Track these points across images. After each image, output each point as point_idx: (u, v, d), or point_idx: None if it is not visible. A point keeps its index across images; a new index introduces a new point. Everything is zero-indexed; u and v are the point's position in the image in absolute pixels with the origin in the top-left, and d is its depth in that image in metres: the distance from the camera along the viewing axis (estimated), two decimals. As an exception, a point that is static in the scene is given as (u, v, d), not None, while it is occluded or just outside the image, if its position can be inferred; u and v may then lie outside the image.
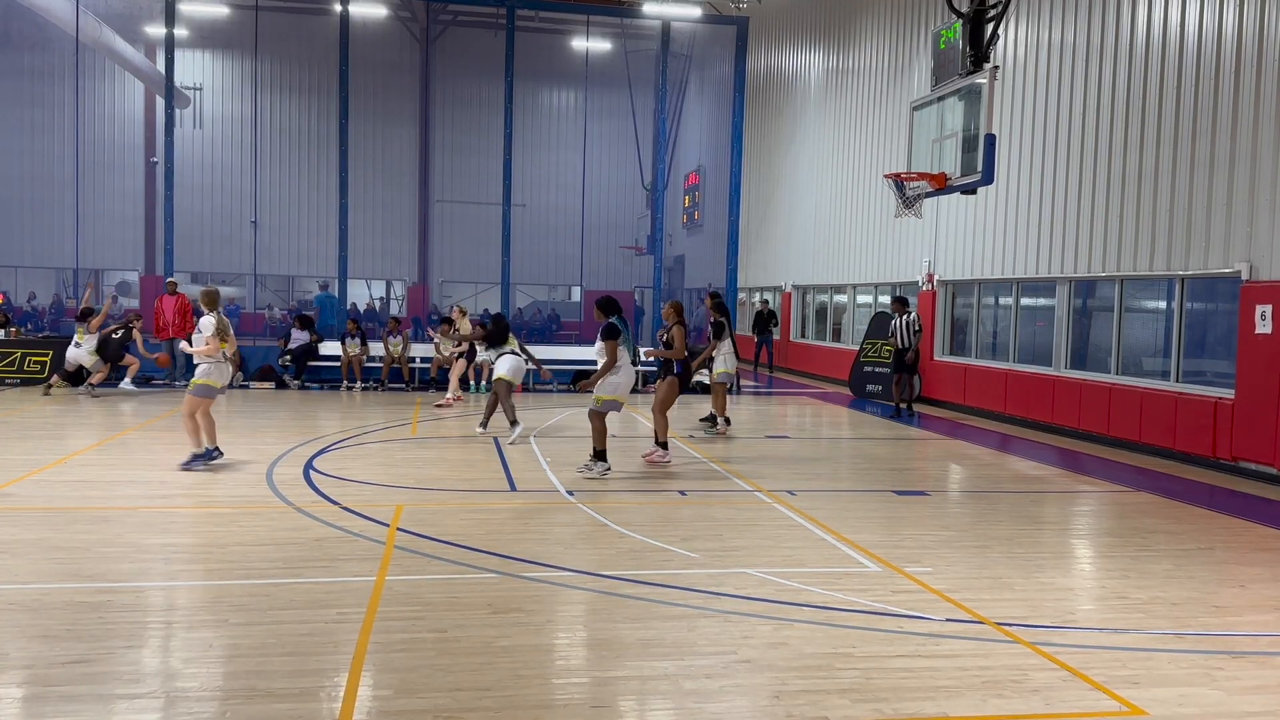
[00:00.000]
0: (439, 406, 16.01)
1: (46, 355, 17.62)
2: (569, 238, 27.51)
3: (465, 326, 17.43)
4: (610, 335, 10.09)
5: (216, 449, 10.34)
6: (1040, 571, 7.11)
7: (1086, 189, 14.20)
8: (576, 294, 33.49)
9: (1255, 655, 5.49)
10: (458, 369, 17.03)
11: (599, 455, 10.16)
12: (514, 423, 12.31)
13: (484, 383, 18.37)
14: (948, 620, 5.91)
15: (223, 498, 8.86)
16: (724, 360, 13.57)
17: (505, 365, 12.67)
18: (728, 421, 13.79)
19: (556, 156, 32.23)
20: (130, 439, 12.02)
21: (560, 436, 13.11)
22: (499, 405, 12.58)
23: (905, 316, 16.55)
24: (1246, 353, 11.24)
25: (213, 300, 10.23)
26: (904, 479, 10.91)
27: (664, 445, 10.96)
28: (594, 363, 10.49)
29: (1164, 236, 12.73)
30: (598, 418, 10.19)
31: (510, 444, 12.08)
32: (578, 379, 11.67)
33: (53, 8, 22.85)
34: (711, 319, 13.98)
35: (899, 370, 16.79)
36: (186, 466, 10.04)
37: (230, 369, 10.28)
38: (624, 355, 10.16)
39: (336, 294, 22.00)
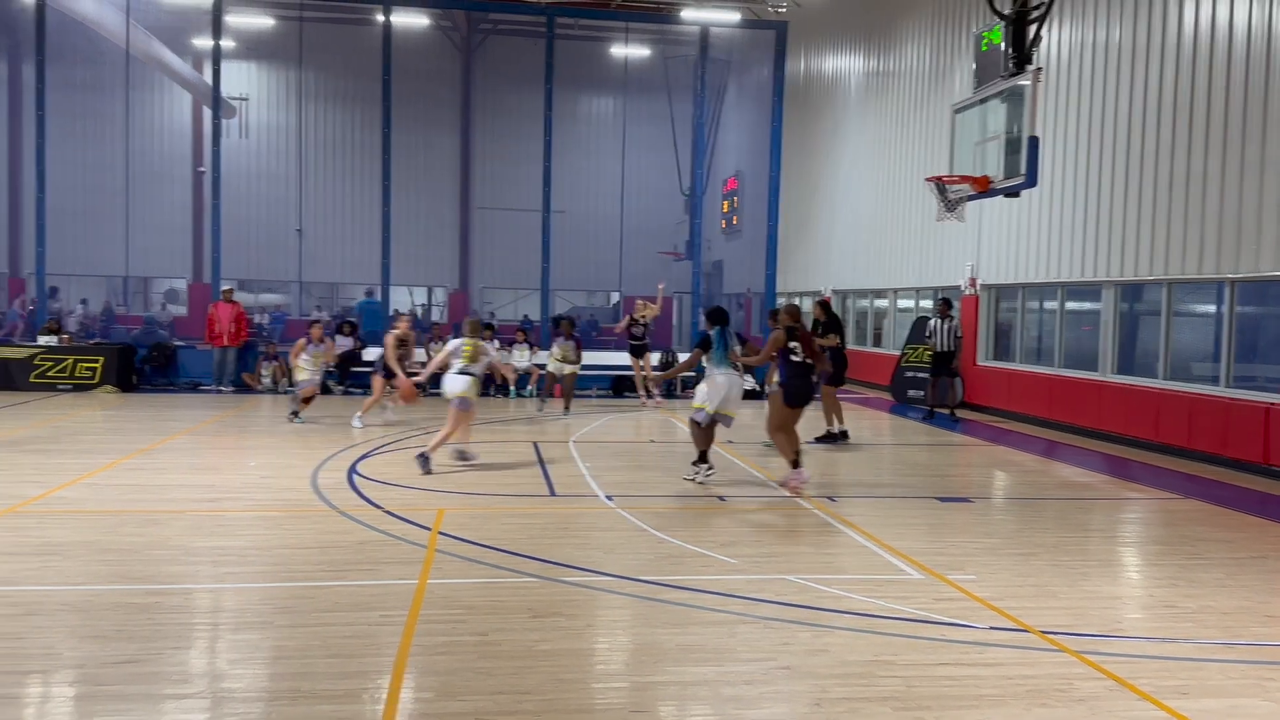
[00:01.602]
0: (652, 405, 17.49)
1: (98, 361, 17.98)
2: (608, 243, 27.56)
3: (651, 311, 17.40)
4: (697, 343, 10.44)
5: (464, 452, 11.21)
6: (1086, 579, 7.01)
7: (1133, 191, 13.99)
8: (615, 299, 33.55)
9: (1309, 666, 5.37)
10: (648, 365, 17.67)
11: (701, 458, 10.28)
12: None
13: (530, 387, 18.48)
14: (991, 628, 5.84)
15: (268, 501, 8.99)
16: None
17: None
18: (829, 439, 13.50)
19: (595, 163, 32.32)
20: (179, 443, 12.22)
21: (599, 442, 13.13)
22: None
23: (948, 321, 16.37)
24: (1299, 357, 10.99)
25: (475, 329, 11.30)
26: (947, 485, 10.81)
27: (794, 464, 9.79)
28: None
29: (1213, 238, 12.50)
30: (693, 425, 10.31)
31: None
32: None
33: (104, 21, 23.36)
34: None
35: (937, 374, 16.66)
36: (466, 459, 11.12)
37: (467, 382, 10.88)
38: (718, 366, 10.14)
39: (379, 300, 22.21)
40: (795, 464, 9.76)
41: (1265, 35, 11.68)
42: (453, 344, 11.13)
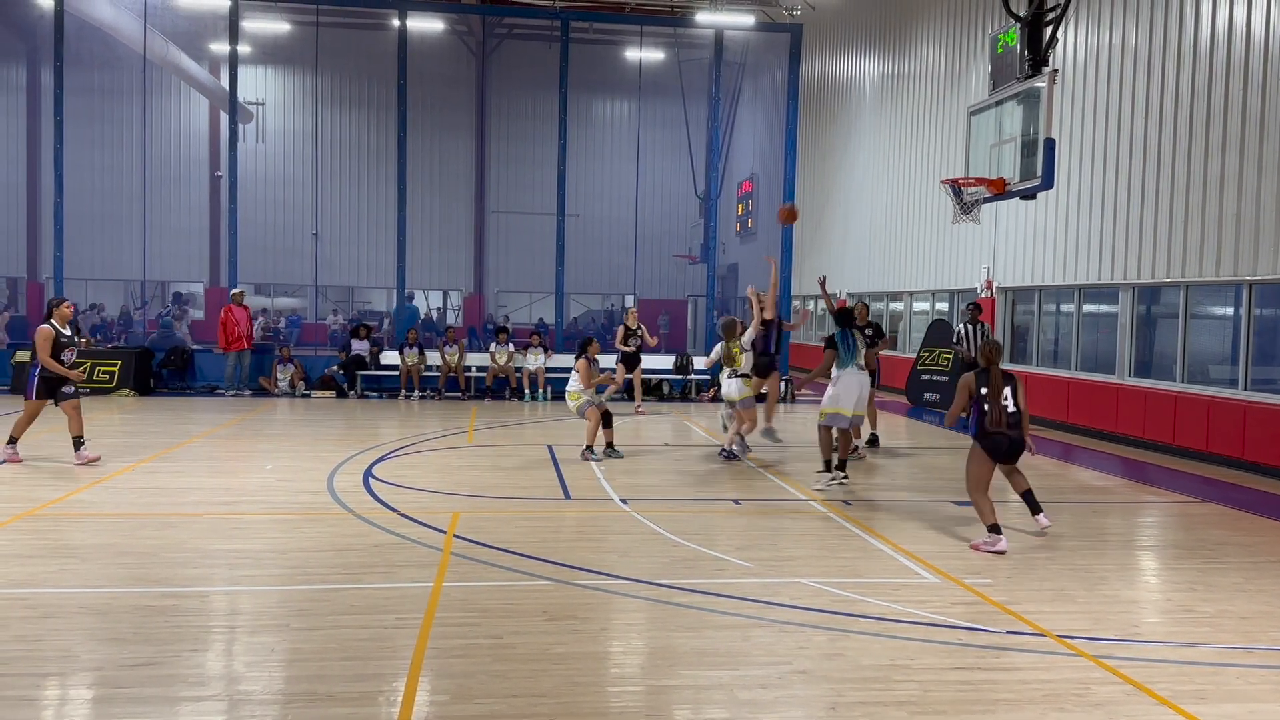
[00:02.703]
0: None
1: (115, 365, 18.10)
2: (622, 247, 27.63)
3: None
4: (827, 345, 10.49)
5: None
6: (1104, 583, 6.97)
7: (1150, 193, 13.91)
8: (630, 303, 33.57)
9: (1330, 672, 5.32)
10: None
11: (827, 466, 10.32)
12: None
13: (540, 391, 18.48)
14: (1008, 633, 5.81)
15: (285, 504, 9.02)
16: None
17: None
18: (871, 443, 13.14)
19: (610, 166, 32.41)
20: (196, 447, 12.29)
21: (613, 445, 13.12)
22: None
23: (980, 327, 15.23)
24: (1319, 360, 10.90)
25: (728, 330, 11.65)
26: (963, 489, 10.74)
27: (994, 530, 7.87)
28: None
29: (1230, 241, 12.42)
30: (823, 430, 10.36)
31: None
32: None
33: (122, 27, 23.54)
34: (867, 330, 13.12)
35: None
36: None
37: (738, 385, 11.61)
38: (843, 368, 10.23)
39: (393, 304, 22.31)
40: (995, 529, 7.88)
41: (1284, 36, 11.60)
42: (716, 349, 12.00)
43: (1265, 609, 6.42)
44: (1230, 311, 13.06)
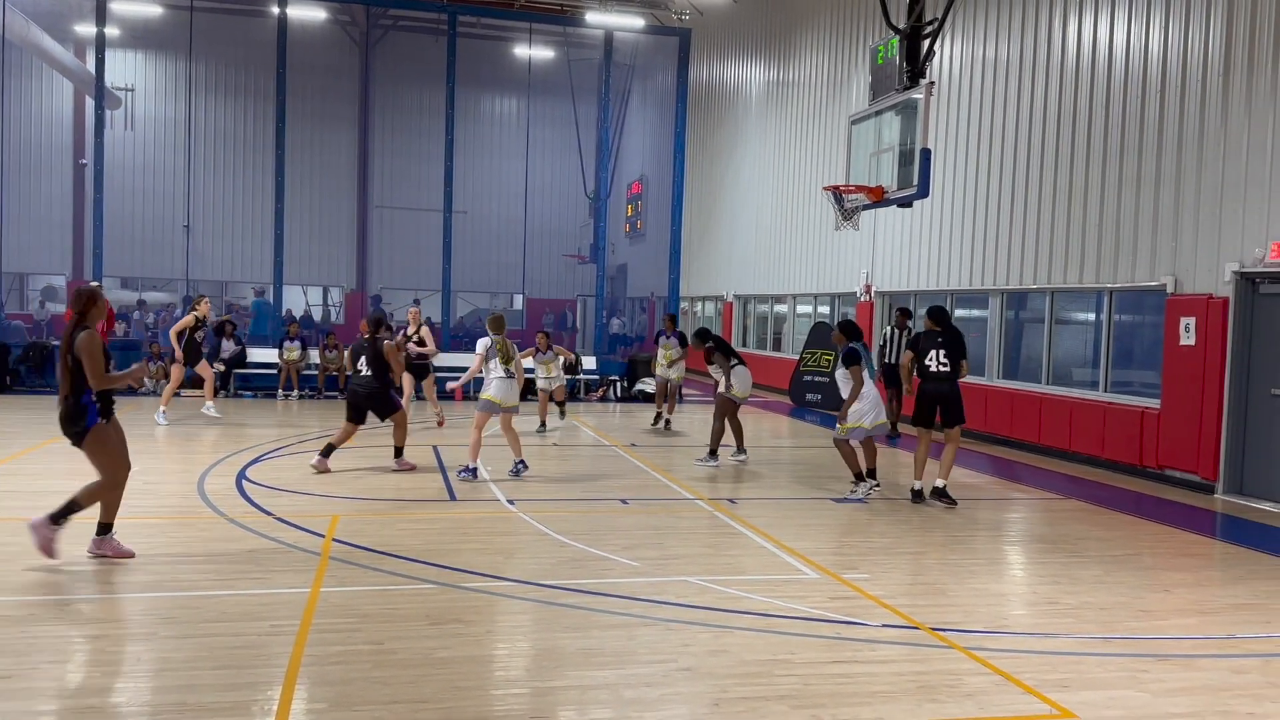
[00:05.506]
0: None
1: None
2: (511, 245, 27.38)
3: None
4: (852, 360, 9.92)
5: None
6: (974, 577, 7.24)
7: (1019, 203, 14.52)
8: (518, 302, 33.34)
9: (1180, 658, 5.65)
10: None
11: (859, 477, 10.11)
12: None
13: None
14: (884, 626, 5.99)
15: (151, 508, 8.65)
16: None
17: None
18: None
19: (499, 164, 32.08)
20: (55, 448, 11.65)
21: (500, 445, 13.01)
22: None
23: (905, 333, 14.77)
24: (1171, 364, 11.57)
25: (498, 325, 10.48)
26: (842, 487, 11.01)
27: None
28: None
29: (1093, 250, 13.06)
30: (843, 444, 10.04)
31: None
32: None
33: (-22, 5, 22.18)
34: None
35: (890, 386, 14.70)
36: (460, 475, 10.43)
37: (515, 386, 10.57)
38: (867, 382, 9.90)
39: (272, 300, 21.62)
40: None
41: (1142, 56, 12.27)
42: (483, 342, 10.46)
43: (1122, 600, 6.77)
44: (1092, 317, 13.74)
